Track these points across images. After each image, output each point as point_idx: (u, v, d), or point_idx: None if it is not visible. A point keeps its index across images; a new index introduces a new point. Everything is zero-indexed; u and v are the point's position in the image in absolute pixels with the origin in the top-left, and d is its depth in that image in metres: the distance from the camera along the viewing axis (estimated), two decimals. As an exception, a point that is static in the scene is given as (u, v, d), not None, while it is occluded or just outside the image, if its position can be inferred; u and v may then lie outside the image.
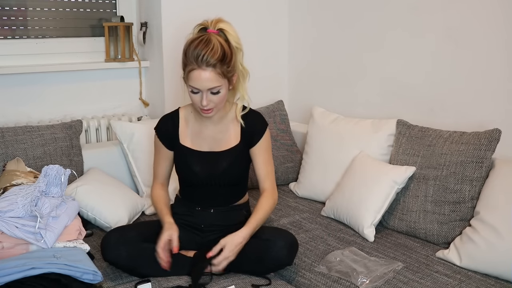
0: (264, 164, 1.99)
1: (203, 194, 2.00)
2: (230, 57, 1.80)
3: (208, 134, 1.97)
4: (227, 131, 1.97)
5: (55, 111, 2.70)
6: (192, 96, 1.83)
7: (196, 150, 1.97)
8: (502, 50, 2.12)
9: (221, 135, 1.97)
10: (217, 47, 1.76)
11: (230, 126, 1.97)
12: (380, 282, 1.76)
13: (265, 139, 1.98)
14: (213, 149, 1.96)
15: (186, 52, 1.79)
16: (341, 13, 2.80)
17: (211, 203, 2.01)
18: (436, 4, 2.32)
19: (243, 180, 2.06)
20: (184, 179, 2.02)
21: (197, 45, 1.76)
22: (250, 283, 1.80)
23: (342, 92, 2.84)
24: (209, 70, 1.76)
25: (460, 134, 2.10)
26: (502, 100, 2.14)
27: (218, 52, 1.75)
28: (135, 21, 2.88)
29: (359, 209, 2.16)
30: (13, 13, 2.61)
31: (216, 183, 1.96)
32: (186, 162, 1.97)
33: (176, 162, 2.02)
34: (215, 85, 1.78)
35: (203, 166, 1.95)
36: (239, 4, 2.88)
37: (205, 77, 1.76)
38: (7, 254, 1.68)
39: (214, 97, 1.81)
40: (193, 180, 1.98)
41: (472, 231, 1.89)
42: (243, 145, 1.97)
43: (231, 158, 1.95)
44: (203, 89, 1.78)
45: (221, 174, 1.95)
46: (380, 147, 2.36)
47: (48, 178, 1.85)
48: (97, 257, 1.90)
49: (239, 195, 2.06)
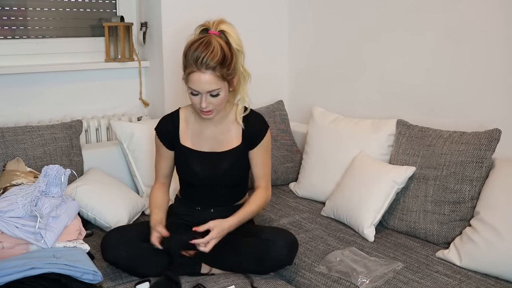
0: (262, 165, 2.00)
1: (203, 194, 2.00)
2: (230, 60, 1.79)
3: (208, 135, 1.97)
4: (228, 132, 1.97)
5: (55, 111, 2.70)
6: (192, 98, 1.83)
7: (196, 150, 1.97)
8: (502, 50, 2.12)
9: (222, 136, 1.97)
10: (217, 50, 1.75)
11: (231, 127, 1.97)
12: (380, 282, 1.76)
13: (265, 141, 1.98)
14: (214, 150, 1.97)
15: (186, 54, 1.79)
16: (341, 13, 2.80)
17: (211, 204, 2.01)
18: (436, 3, 2.32)
19: (243, 181, 2.06)
20: (184, 179, 2.02)
21: (197, 47, 1.75)
22: (250, 283, 1.80)
23: (342, 92, 2.84)
24: (208, 73, 1.75)
25: (460, 134, 2.10)
26: (502, 100, 2.14)
27: (218, 55, 1.74)
28: (135, 21, 2.88)
29: (359, 209, 2.16)
30: (13, 13, 2.61)
31: (217, 183, 1.96)
32: (187, 162, 1.97)
33: (177, 162, 2.02)
34: (214, 87, 1.78)
35: (203, 166, 1.95)
36: (239, 4, 2.88)
37: (204, 80, 1.76)
38: (7, 254, 1.68)
39: (214, 100, 1.81)
40: (193, 181, 1.98)
41: (472, 231, 1.89)
42: (244, 146, 1.97)
43: (232, 159, 1.95)
44: (202, 91, 1.78)
45: (222, 175, 1.95)
46: (380, 147, 2.36)
47: (48, 178, 1.85)
48: (97, 257, 1.90)
49: (239, 196, 2.06)
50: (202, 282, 1.78)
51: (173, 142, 1.99)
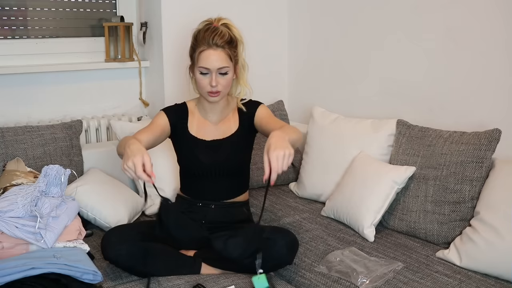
0: (274, 122, 1.97)
1: (205, 185, 2.03)
2: (236, 43, 1.95)
3: (211, 125, 2.06)
4: (228, 120, 2.06)
5: (55, 111, 2.70)
6: (201, 78, 1.91)
7: (201, 139, 2.03)
8: (502, 50, 2.12)
9: (223, 125, 2.06)
10: (225, 32, 1.91)
11: (230, 115, 2.07)
12: (380, 282, 1.76)
13: (262, 108, 2.05)
14: (215, 138, 2.04)
15: (196, 36, 1.94)
16: (341, 13, 2.80)
17: (212, 196, 2.03)
18: (436, 4, 2.32)
19: (244, 170, 2.11)
20: (188, 169, 2.07)
21: (206, 30, 1.91)
22: (250, 283, 1.80)
23: (342, 92, 2.84)
24: (219, 50, 1.89)
25: (460, 134, 2.10)
26: (502, 100, 2.14)
27: (226, 36, 1.90)
28: (135, 21, 2.88)
29: (359, 209, 2.16)
30: (13, 13, 2.61)
31: (219, 171, 2.00)
32: (192, 151, 2.02)
33: (181, 151, 2.07)
34: (224, 65, 1.90)
35: (206, 154, 2.00)
36: (239, 4, 2.88)
37: (215, 57, 1.89)
38: (7, 254, 1.68)
39: (222, 80, 1.91)
40: (197, 170, 2.02)
41: (472, 231, 1.89)
42: (241, 130, 2.04)
43: (232, 144, 2.02)
44: (213, 68, 1.89)
45: (223, 161, 2.00)
46: (380, 147, 2.36)
47: (48, 178, 1.85)
48: (97, 257, 1.90)
49: (240, 189, 2.09)
50: (202, 282, 1.79)
51: (178, 127, 2.03)
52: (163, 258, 1.85)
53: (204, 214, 2.03)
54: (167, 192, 2.38)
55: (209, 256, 1.89)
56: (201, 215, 2.03)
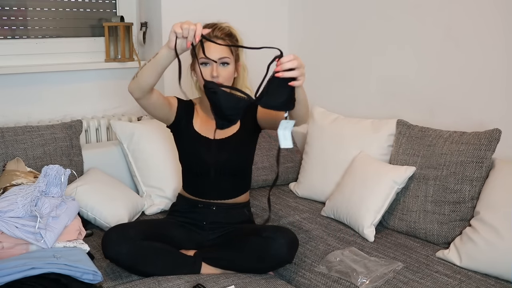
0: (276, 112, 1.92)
1: (207, 184, 2.03)
2: (236, 38, 1.99)
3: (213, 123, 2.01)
4: None
5: (55, 111, 2.70)
6: (202, 70, 1.91)
7: (204, 136, 2.04)
8: (501, 50, 2.12)
9: None
10: (225, 26, 1.97)
11: None
12: (380, 282, 1.76)
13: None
14: (218, 136, 2.03)
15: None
16: (341, 13, 2.80)
17: (214, 195, 2.03)
18: (436, 3, 2.32)
19: (246, 169, 2.11)
20: (190, 167, 2.06)
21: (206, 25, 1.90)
22: (250, 283, 1.80)
23: (342, 92, 2.84)
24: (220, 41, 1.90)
25: (460, 134, 2.10)
26: (502, 100, 2.14)
27: (227, 29, 1.96)
28: (135, 21, 2.88)
29: (359, 209, 2.16)
30: (13, 13, 2.61)
31: (221, 170, 1.99)
32: (195, 147, 2.03)
33: (184, 148, 2.07)
34: (225, 55, 1.93)
35: (209, 152, 2.00)
36: (239, 4, 2.88)
37: (216, 47, 1.90)
38: (7, 254, 1.68)
39: (223, 71, 1.93)
40: (198, 168, 2.02)
41: (472, 231, 1.89)
42: (244, 129, 2.04)
43: (234, 144, 2.02)
44: (215, 57, 1.90)
45: (226, 160, 1.99)
46: (380, 147, 2.36)
47: (48, 178, 1.85)
48: (97, 257, 1.90)
49: (241, 189, 2.09)
50: (202, 282, 1.79)
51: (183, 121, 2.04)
52: (163, 258, 1.85)
53: (205, 215, 2.04)
54: (167, 192, 2.39)
55: (209, 256, 1.90)
56: (203, 216, 2.03)
